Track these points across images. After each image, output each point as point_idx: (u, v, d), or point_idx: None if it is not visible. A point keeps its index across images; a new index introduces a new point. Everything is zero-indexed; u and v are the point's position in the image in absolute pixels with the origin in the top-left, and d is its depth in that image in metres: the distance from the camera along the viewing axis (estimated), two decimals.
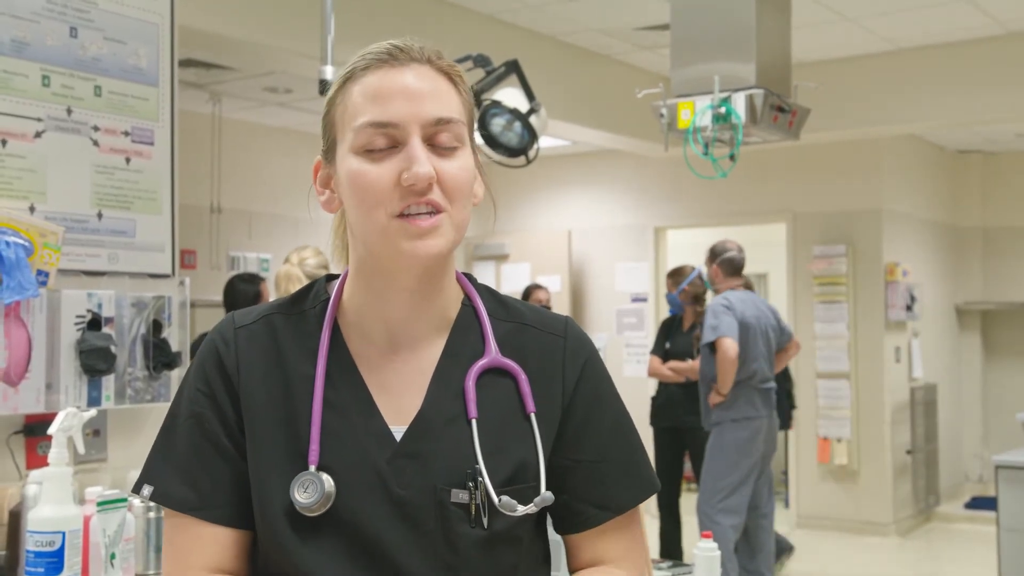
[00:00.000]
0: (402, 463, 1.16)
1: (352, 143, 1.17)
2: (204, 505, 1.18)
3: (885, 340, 7.67)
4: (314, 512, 1.14)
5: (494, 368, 1.23)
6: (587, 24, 5.94)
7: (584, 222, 8.76)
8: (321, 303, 1.26)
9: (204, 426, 1.20)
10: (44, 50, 2.44)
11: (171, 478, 1.19)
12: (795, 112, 3.72)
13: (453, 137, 1.17)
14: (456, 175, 1.16)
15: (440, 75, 1.19)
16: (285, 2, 4.62)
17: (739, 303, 5.29)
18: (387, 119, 1.14)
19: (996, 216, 9.03)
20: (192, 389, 1.22)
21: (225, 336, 1.23)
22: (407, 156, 1.14)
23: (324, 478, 1.15)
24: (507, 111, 3.50)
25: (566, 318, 1.31)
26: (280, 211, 7.44)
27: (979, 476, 9.03)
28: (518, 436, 1.21)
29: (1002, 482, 4.89)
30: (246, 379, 1.20)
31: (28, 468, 2.37)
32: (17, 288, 2.24)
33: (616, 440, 1.27)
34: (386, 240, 1.15)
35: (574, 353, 1.27)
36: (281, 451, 1.17)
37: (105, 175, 2.55)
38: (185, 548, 1.18)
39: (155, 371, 2.59)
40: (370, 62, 1.18)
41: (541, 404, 1.23)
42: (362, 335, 1.23)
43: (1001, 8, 5.66)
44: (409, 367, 1.22)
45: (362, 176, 1.15)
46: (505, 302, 1.30)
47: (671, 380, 6.08)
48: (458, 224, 1.17)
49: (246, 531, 1.20)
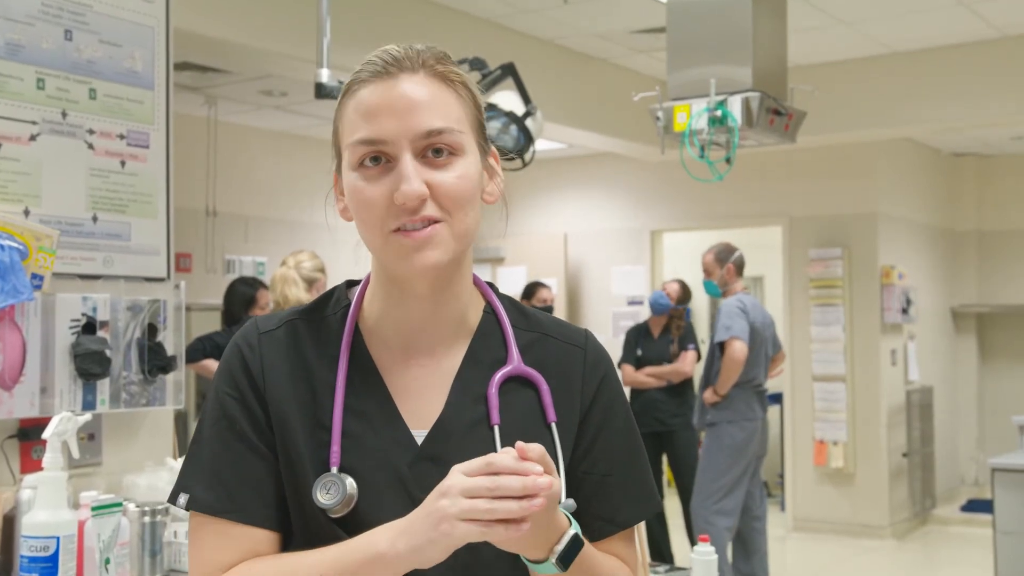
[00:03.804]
0: (423, 467, 1.17)
1: (350, 160, 1.17)
2: (236, 507, 1.17)
3: (881, 343, 7.68)
4: (337, 513, 1.15)
5: (516, 376, 1.24)
6: (583, 28, 5.94)
7: (580, 225, 8.77)
8: (342, 308, 1.26)
9: (235, 428, 1.20)
10: (39, 53, 2.43)
11: (203, 484, 1.19)
12: (791, 115, 3.72)
13: (449, 147, 1.16)
14: (452, 186, 1.15)
15: (436, 81, 1.18)
16: (281, 6, 4.61)
17: (752, 308, 5.37)
18: (376, 136, 1.14)
19: (991, 219, 9.04)
20: (219, 393, 1.22)
21: (250, 341, 1.24)
22: (398, 174, 1.14)
23: (346, 480, 1.15)
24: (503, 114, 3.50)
25: (585, 331, 1.32)
26: (276, 214, 7.44)
27: (975, 479, 9.03)
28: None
29: (998, 485, 4.89)
30: (272, 382, 1.21)
31: (22, 472, 2.36)
32: (12, 292, 2.23)
33: (626, 455, 1.28)
34: (386, 255, 1.17)
35: (594, 366, 1.28)
36: (308, 453, 1.18)
37: (100, 178, 2.54)
38: (218, 551, 1.17)
39: (150, 375, 2.58)
40: (365, 75, 1.18)
41: (561, 414, 1.24)
42: (382, 340, 1.23)
43: (996, 12, 5.67)
44: (429, 372, 1.22)
45: (359, 194, 1.16)
46: (526, 312, 1.31)
47: (649, 386, 6.13)
48: (460, 232, 1.17)
49: (279, 533, 1.19)
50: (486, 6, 5.50)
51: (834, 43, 6.22)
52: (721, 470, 5.27)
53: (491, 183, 1.25)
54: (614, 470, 1.26)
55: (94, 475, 2.53)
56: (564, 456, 1.22)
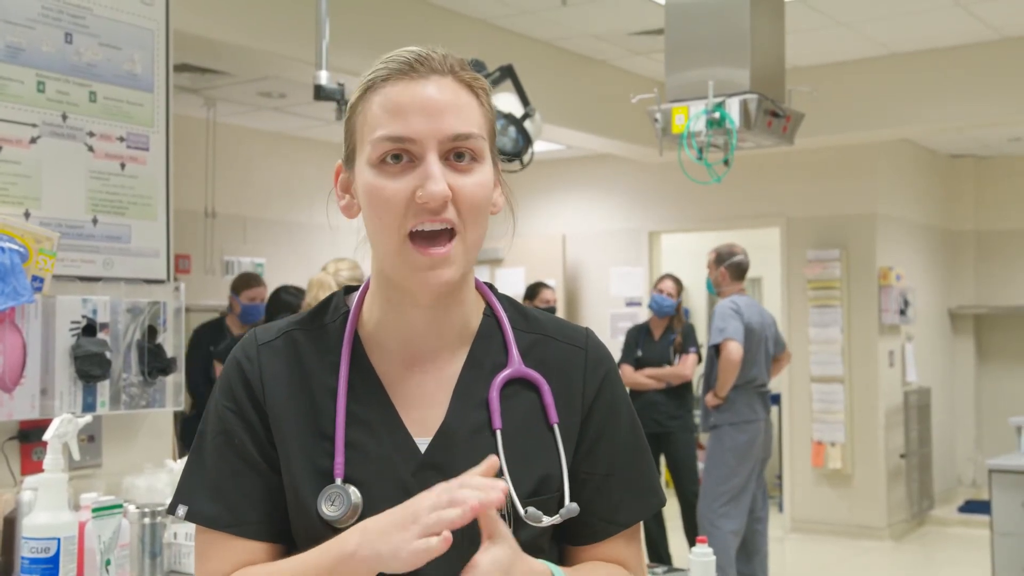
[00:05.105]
0: (427, 475, 1.16)
1: (370, 155, 1.15)
2: (237, 521, 1.18)
3: (879, 344, 7.69)
4: (342, 525, 1.13)
5: (517, 379, 1.23)
6: (581, 29, 5.95)
7: (579, 226, 8.77)
8: (341, 316, 1.25)
9: (233, 442, 1.20)
10: (39, 56, 2.44)
11: (203, 496, 1.19)
12: (789, 117, 3.73)
13: (472, 152, 1.15)
14: (473, 192, 1.15)
15: (462, 87, 1.17)
16: (280, 7, 4.62)
17: (746, 308, 5.35)
18: (404, 134, 1.13)
19: (989, 220, 9.05)
20: (219, 407, 1.22)
21: (248, 353, 1.23)
22: (423, 173, 1.12)
23: (351, 490, 1.15)
24: (502, 116, 3.51)
25: (586, 329, 1.31)
26: (275, 215, 7.44)
27: (972, 480, 9.04)
28: (542, 447, 1.21)
29: (995, 486, 4.90)
30: (271, 394, 1.20)
31: (23, 474, 2.36)
32: (12, 294, 2.24)
33: (628, 455, 1.27)
34: (398, 263, 1.15)
35: (595, 365, 1.27)
36: (310, 465, 1.17)
37: (100, 181, 2.54)
38: (219, 564, 1.18)
39: (150, 377, 2.59)
40: (391, 72, 1.16)
41: (562, 415, 1.23)
42: (382, 347, 1.22)
43: (994, 13, 5.68)
44: (431, 378, 1.21)
45: (378, 191, 1.14)
46: (526, 313, 1.30)
47: (649, 387, 6.14)
48: (470, 245, 1.16)
49: (280, 545, 1.20)
50: (485, 8, 5.51)
51: (832, 44, 6.23)
52: (726, 473, 5.26)
53: (496, 192, 1.24)
54: (616, 470, 1.25)
55: (94, 477, 2.53)
56: (568, 457, 1.22)
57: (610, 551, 1.25)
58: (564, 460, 1.21)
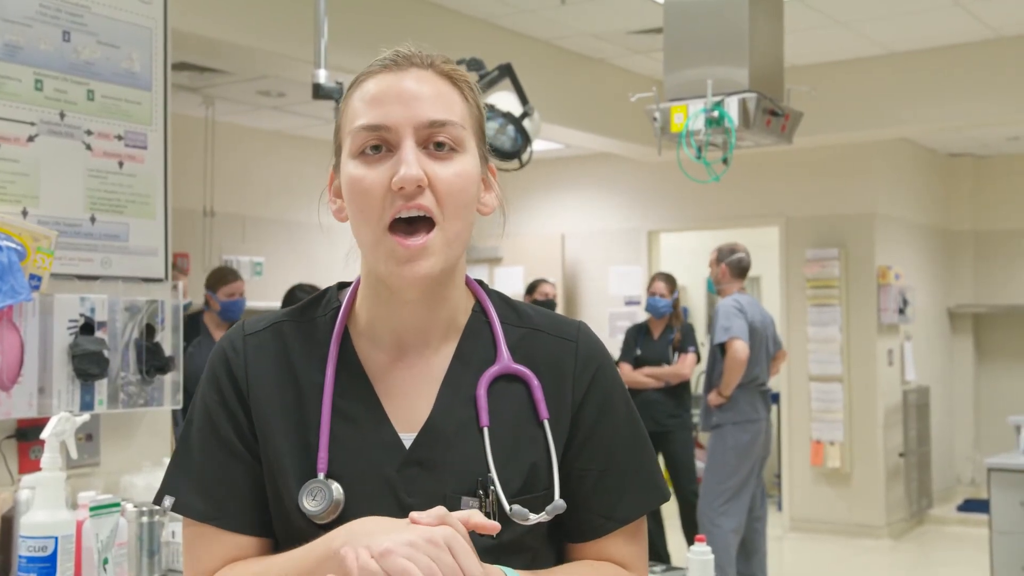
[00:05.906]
0: (411, 471, 1.16)
1: (350, 147, 1.16)
2: (222, 514, 1.18)
3: (877, 343, 7.69)
4: (323, 520, 1.13)
5: (506, 374, 1.22)
6: (580, 28, 5.94)
7: (577, 226, 8.77)
8: (332, 311, 1.25)
9: (218, 434, 1.20)
10: (37, 54, 2.44)
11: (189, 488, 1.19)
12: (788, 116, 3.73)
13: (451, 142, 1.15)
14: (450, 180, 1.14)
15: (442, 79, 1.18)
16: (278, 6, 4.62)
17: (748, 307, 5.36)
18: (379, 122, 1.14)
19: (987, 219, 9.06)
20: (204, 398, 1.22)
21: (235, 344, 1.23)
22: (398, 159, 1.13)
23: (333, 486, 1.14)
24: (500, 115, 3.50)
25: (579, 323, 1.29)
26: (273, 214, 7.44)
27: (971, 479, 9.04)
28: (531, 443, 1.20)
29: (994, 485, 4.91)
30: (255, 386, 1.20)
31: (20, 473, 2.36)
32: (10, 292, 2.24)
33: (625, 449, 1.24)
34: (380, 255, 1.15)
35: (586, 359, 1.25)
36: (292, 458, 1.17)
37: (98, 179, 2.54)
38: (205, 556, 1.18)
39: (148, 375, 2.59)
40: (374, 69, 1.18)
41: (553, 410, 1.21)
42: (372, 342, 1.22)
43: (992, 13, 5.69)
44: (418, 374, 1.21)
45: (358, 181, 1.14)
46: (517, 307, 1.29)
47: (647, 386, 6.13)
48: (451, 239, 1.15)
49: (269, 540, 1.19)
50: (483, 6, 5.51)
51: (830, 43, 6.23)
52: (727, 472, 5.27)
53: (488, 194, 1.24)
54: (613, 465, 1.23)
55: (92, 475, 2.53)
56: (559, 453, 1.20)
57: (610, 548, 1.24)
58: (555, 456, 1.20)
